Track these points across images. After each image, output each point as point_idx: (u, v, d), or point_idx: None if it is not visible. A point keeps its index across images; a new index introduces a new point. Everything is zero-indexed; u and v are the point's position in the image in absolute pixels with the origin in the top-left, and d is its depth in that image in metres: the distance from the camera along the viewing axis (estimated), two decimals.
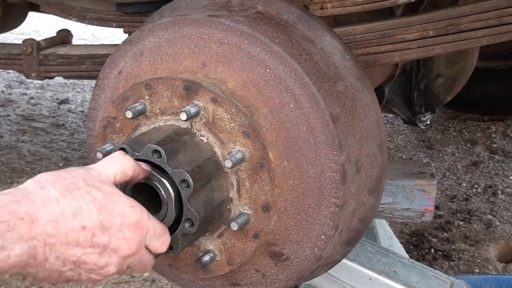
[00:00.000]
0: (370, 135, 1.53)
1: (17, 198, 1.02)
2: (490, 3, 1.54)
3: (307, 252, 1.44)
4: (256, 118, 1.36)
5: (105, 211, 1.08)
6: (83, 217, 1.05)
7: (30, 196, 1.03)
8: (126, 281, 2.77)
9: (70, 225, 1.04)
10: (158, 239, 1.18)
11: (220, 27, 1.41)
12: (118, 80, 1.53)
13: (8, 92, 5.17)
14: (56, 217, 1.03)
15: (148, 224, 1.15)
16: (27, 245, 1.00)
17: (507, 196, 3.44)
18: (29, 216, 1.01)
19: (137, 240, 1.13)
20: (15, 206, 1.00)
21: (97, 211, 1.07)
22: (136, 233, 1.13)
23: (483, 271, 2.81)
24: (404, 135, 4.22)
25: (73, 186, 1.07)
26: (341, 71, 1.51)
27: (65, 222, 1.04)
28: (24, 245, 1.00)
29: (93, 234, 1.07)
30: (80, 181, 1.09)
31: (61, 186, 1.06)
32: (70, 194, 1.06)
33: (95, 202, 1.08)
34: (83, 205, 1.06)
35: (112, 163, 1.18)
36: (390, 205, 2.01)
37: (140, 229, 1.13)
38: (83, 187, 1.08)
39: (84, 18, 2.25)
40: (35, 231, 1.01)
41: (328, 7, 1.61)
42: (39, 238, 1.02)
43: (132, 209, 1.13)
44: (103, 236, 1.08)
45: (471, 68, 2.49)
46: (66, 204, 1.04)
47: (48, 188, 1.05)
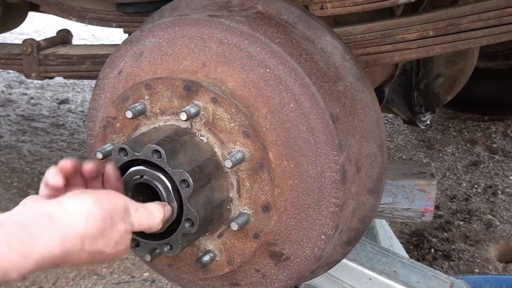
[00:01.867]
0: (370, 135, 1.53)
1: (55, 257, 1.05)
2: (490, 3, 1.54)
3: (307, 252, 1.44)
4: (256, 118, 1.36)
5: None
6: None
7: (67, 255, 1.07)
8: (126, 281, 2.77)
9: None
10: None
11: (220, 27, 1.41)
12: (118, 80, 1.53)
13: (8, 92, 5.17)
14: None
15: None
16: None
17: (507, 196, 3.44)
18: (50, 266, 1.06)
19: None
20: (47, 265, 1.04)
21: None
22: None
23: (483, 271, 2.81)
24: (404, 135, 4.22)
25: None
26: (341, 71, 1.51)
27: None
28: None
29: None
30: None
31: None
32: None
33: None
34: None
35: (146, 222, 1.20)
36: (390, 205, 2.01)
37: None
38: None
39: (84, 18, 2.25)
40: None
41: (328, 7, 1.61)
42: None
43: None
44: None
45: (471, 68, 2.49)
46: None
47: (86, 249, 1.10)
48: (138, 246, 1.29)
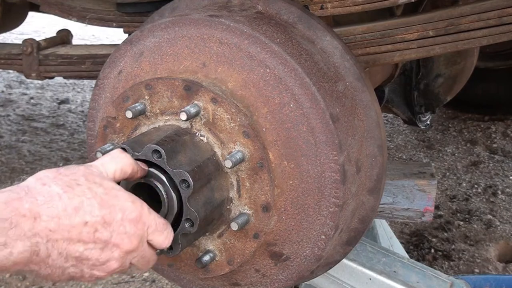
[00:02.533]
0: (370, 135, 1.53)
1: (19, 195, 1.02)
2: (490, 3, 1.54)
3: (307, 252, 1.44)
4: (256, 118, 1.36)
5: (106, 206, 1.08)
6: (85, 212, 1.06)
7: (32, 192, 1.03)
8: (126, 281, 2.77)
9: (72, 221, 1.04)
10: (161, 233, 1.18)
11: (220, 27, 1.41)
12: (118, 80, 1.53)
13: (8, 92, 5.17)
14: (59, 213, 1.03)
15: (149, 218, 1.15)
16: (29, 242, 1.00)
17: (507, 196, 3.44)
18: (32, 213, 1.01)
19: (138, 234, 1.13)
20: (17, 203, 1.00)
21: (99, 207, 1.07)
22: (137, 228, 1.13)
23: (483, 271, 2.81)
24: (404, 135, 4.22)
25: (74, 182, 1.08)
26: (341, 71, 1.51)
27: (67, 218, 1.04)
28: (27, 242, 1.00)
29: (95, 230, 1.07)
30: (81, 177, 1.10)
31: (62, 183, 1.07)
32: (71, 190, 1.06)
33: (96, 197, 1.08)
34: (85, 200, 1.07)
35: (111, 161, 1.18)
36: (390, 205, 2.01)
37: (141, 223, 1.13)
38: (84, 183, 1.09)
39: (84, 18, 2.25)
40: (38, 227, 1.01)
41: (328, 7, 1.61)
42: (41, 235, 1.02)
43: (133, 204, 1.13)
44: (105, 231, 1.08)
45: (471, 68, 2.49)
46: (68, 200, 1.05)
47: (50, 185, 1.05)
48: None
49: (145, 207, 1.16)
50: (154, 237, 1.17)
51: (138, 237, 1.13)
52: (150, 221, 1.16)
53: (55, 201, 1.04)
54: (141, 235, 1.14)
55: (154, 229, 1.17)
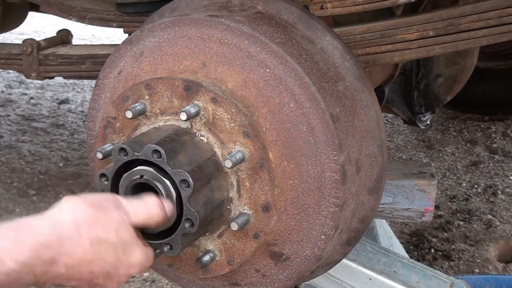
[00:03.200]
0: (370, 135, 1.53)
1: (50, 242, 1.05)
2: (490, 3, 1.54)
3: (307, 252, 1.44)
4: (256, 118, 1.36)
5: (116, 265, 1.14)
6: (96, 266, 1.11)
7: (63, 238, 1.07)
8: (126, 281, 2.77)
9: (82, 270, 1.10)
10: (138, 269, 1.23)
11: (220, 27, 1.41)
12: (118, 80, 1.53)
13: (8, 92, 5.17)
14: (74, 264, 1.08)
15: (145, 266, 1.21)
16: (35, 279, 1.05)
17: (507, 196, 3.43)
18: (52, 260, 1.05)
19: (126, 280, 1.20)
20: (44, 251, 1.04)
21: (110, 265, 1.13)
22: (129, 275, 1.20)
23: (483, 271, 2.80)
24: (404, 135, 4.22)
25: (104, 236, 1.12)
26: (341, 71, 1.51)
27: (78, 268, 1.09)
28: (32, 277, 1.04)
29: (96, 277, 1.13)
30: (112, 231, 1.13)
31: (95, 236, 1.10)
32: (98, 246, 1.11)
33: (114, 257, 1.13)
34: (103, 257, 1.11)
35: (144, 212, 1.20)
36: (390, 205, 2.01)
37: (134, 273, 1.21)
38: (112, 240, 1.13)
39: (84, 18, 2.25)
40: (50, 270, 1.06)
41: (328, 7, 1.61)
42: (49, 275, 1.06)
43: (140, 265, 1.19)
44: (101, 280, 1.14)
45: (471, 68, 2.49)
46: (90, 255, 1.10)
47: (83, 236, 1.09)
48: None
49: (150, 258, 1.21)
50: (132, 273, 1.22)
51: (125, 281, 1.20)
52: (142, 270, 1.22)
53: (78, 253, 1.08)
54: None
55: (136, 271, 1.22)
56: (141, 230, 1.22)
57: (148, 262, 1.21)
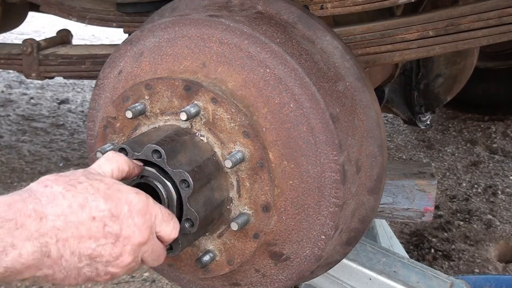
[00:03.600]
0: (370, 135, 1.53)
1: (22, 197, 1.02)
2: (490, 3, 1.54)
3: (307, 252, 1.44)
4: (256, 118, 1.36)
5: (111, 200, 1.08)
6: (90, 208, 1.06)
7: (35, 194, 1.03)
8: (126, 281, 2.77)
9: (80, 217, 1.04)
10: (168, 223, 1.17)
11: (220, 27, 1.41)
12: (118, 80, 1.53)
13: (8, 92, 5.17)
14: (64, 211, 1.03)
15: (155, 209, 1.15)
16: (38, 243, 1.00)
17: (507, 196, 3.44)
18: (37, 213, 1.01)
19: (148, 225, 1.13)
20: (21, 205, 1.00)
21: (104, 201, 1.07)
22: (145, 219, 1.12)
23: (483, 271, 2.81)
24: (404, 135, 4.22)
25: (75, 181, 1.08)
26: (341, 71, 1.51)
27: (74, 215, 1.04)
28: (35, 242, 1.00)
29: (104, 224, 1.07)
30: (81, 176, 1.10)
31: (64, 183, 1.07)
32: (74, 188, 1.06)
33: (99, 192, 1.08)
34: (89, 196, 1.06)
35: (107, 161, 1.18)
36: (390, 205, 2.01)
37: (148, 214, 1.13)
38: (85, 181, 1.09)
39: (84, 18, 2.25)
40: (45, 227, 1.01)
41: (328, 7, 1.61)
42: (50, 234, 1.01)
43: (137, 195, 1.13)
44: (114, 225, 1.08)
45: (471, 68, 2.49)
46: (71, 197, 1.05)
47: (52, 186, 1.05)
48: None
49: (150, 198, 1.16)
50: (162, 228, 1.17)
51: (148, 227, 1.13)
52: (156, 211, 1.15)
53: (59, 199, 1.04)
54: (151, 226, 1.14)
55: (161, 220, 1.16)
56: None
57: (148, 199, 1.14)
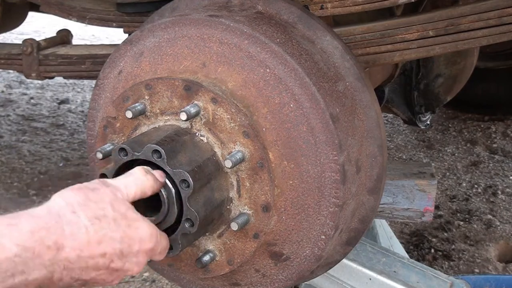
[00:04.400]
0: (370, 135, 1.53)
1: (48, 224, 1.04)
2: (490, 3, 1.54)
3: (307, 252, 1.44)
4: (256, 118, 1.36)
5: (126, 240, 1.12)
6: (106, 245, 1.09)
7: (61, 222, 1.05)
8: (126, 281, 2.77)
9: (92, 253, 1.08)
10: (162, 255, 1.23)
11: (220, 27, 1.41)
12: (118, 80, 1.53)
13: (8, 92, 5.17)
14: (82, 246, 1.06)
15: (160, 246, 1.20)
16: (46, 270, 1.03)
17: (507, 196, 3.43)
18: (56, 245, 1.04)
19: (147, 259, 1.19)
20: (44, 234, 1.02)
21: (120, 240, 1.11)
22: (148, 256, 1.18)
23: (483, 271, 2.81)
24: (404, 135, 4.22)
25: (101, 212, 1.10)
26: (341, 71, 1.51)
27: (88, 251, 1.07)
28: (44, 270, 1.03)
29: (111, 261, 1.11)
30: (108, 205, 1.12)
31: (91, 213, 1.09)
32: (98, 223, 1.09)
33: (119, 230, 1.11)
34: (108, 233, 1.10)
35: (134, 183, 1.20)
36: (390, 205, 2.01)
37: (152, 251, 1.18)
38: (110, 214, 1.11)
39: (84, 18, 2.25)
40: (58, 258, 1.04)
41: (328, 7, 1.61)
42: (60, 264, 1.05)
43: (151, 237, 1.17)
44: (119, 262, 1.12)
45: (471, 68, 2.49)
46: (93, 233, 1.08)
47: (79, 215, 1.08)
48: None
49: (159, 234, 1.20)
50: (155, 258, 1.22)
51: (146, 261, 1.18)
52: (159, 247, 1.20)
53: (81, 233, 1.07)
54: (148, 259, 1.20)
55: (159, 253, 1.21)
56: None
57: (158, 238, 1.18)
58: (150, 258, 1.20)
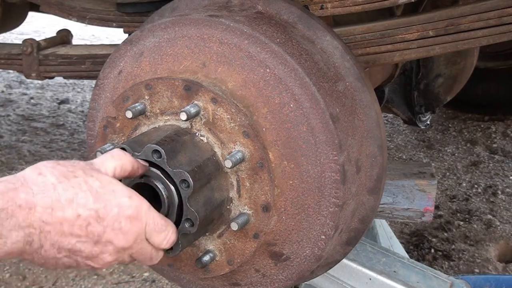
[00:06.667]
0: (370, 135, 1.53)
1: (15, 185, 1.02)
2: (490, 3, 1.54)
3: (307, 252, 1.44)
4: (256, 118, 1.36)
5: (101, 201, 1.07)
6: (78, 205, 1.05)
7: (28, 183, 1.03)
8: (126, 281, 2.77)
9: (65, 213, 1.04)
10: (159, 233, 1.17)
11: (220, 27, 1.41)
12: (118, 80, 1.53)
13: (8, 92, 5.17)
14: (52, 204, 1.03)
15: (148, 216, 1.14)
16: (23, 232, 1.01)
17: (507, 196, 3.44)
18: (27, 203, 1.01)
19: (135, 231, 1.12)
20: (13, 194, 1.01)
21: (93, 200, 1.06)
22: (133, 225, 1.11)
23: (483, 271, 2.81)
24: (404, 135, 4.22)
25: (71, 173, 1.07)
26: (341, 71, 1.51)
27: (60, 210, 1.03)
28: (21, 232, 1.01)
29: (88, 223, 1.06)
30: (79, 170, 1.09)
31: (58, 173, 1.06)
32: (67, 181, 1.05)
33: (91, 190, 1.07)
34: (79, 193, 1.06)
35: (111, 159, 1.17)
36: (390, 205, 2.01)
37: (138, 221, 1.12)
38: (81, 175, 1.08)
39: (84, 18, 2.25)
40: (32, 218, 1.01)
41: (328, 7, 1.61)
42: (35, 225, 1.02)
43: (130, 199, 1.11)
44: (98, 226, 1.07)
45: (471, 68, 2.49)
46: (62, 190, 1.04)
47: (46, 174, 1.05)
48: None
49: (145, 204, 1.14)
50: (151, 237, 1.16)
51: (134, 234, 1.12)
52: (148, 219, 1.14)
53: (49, 191, 1.03)
54: (138, 233, 1.13)
55: (153, 229, 1.15)
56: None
57: (142, 205, 1.12)
58: (145, 233, 1.13)
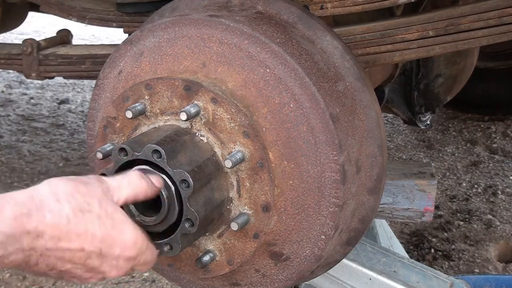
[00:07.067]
0: (370, 135, 1.53)
1: (30, 210, 1.03)
2: (490, 3, 1.54)
3: (307, 252, 1.44)
4: (256, 118, 1.36)
5: (108, 241, 1.10)
6: (85, 240, 1.07)
7: (44, 208, 1.04)
8: (126, 281, 2.77)
9: (71, 245, 1.06)
10: (145, 266, 1.21)
11: (220, 27, 1.41)
12: (118, 80, 1.53)
13: (8, 92, 5.17)
14: (60, 235, 1.05)
15: (143, 255, 1.17)
16: (23, 254, 1.02)
17: (507, 196, 3.44)
18: (36, 231, 1.02)
19: (127, 268, 1.16)
20: (26, 220, 1.01)
21: (100, 239, 1.09)
22: (128, 263, 1.15)
23: (483, 271, 2.81)
24: (404, 135, 4.22)
25: (87, 206, 1.08)
26: (341, 71, 1.51)
27: (67, 242, 1.05)
28: (21, 254, 1.02)
29: (89, 257, 1.09)
30: (95, 202, 1.10)
31: (75, 204, 1.07)
32: (81, 216, 1.07)
33: (102, 229, 1.09)
34: (90, 230, 1.08)
35: (128, 186, 1.18)
36: (390, 205, 2.01)
37: (133, 260, 1.16)
38: (95, 210, 1.09)
39: (84, 18, 2.25)
40: (36, 244, 1.03)
41: (328, 7, 1.61)
42: (37, 250, 1.03)
43: (135, 244, 1.14)
44: (97, 260, 1.10)
45: (471, 68, 2.49)
46: (74, 225, 1.06)
47: (63, 203, 1.06)
48: None
49: (145, 245, 1.17)
50: (137, 268, 1.20)
51: (126, 269, 1.16)
52: (141, 258, 1.17)
53: (62, 223, 1.05)
54: (130, 268, 1.17)
55: (142, 263, 1.19)
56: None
57: (142, 246, 1.15)
58: (133, 268, 1.18)
